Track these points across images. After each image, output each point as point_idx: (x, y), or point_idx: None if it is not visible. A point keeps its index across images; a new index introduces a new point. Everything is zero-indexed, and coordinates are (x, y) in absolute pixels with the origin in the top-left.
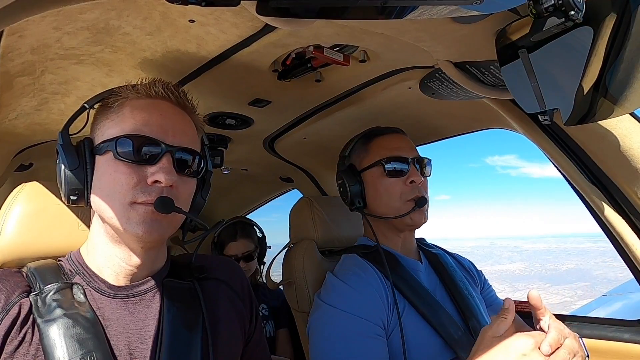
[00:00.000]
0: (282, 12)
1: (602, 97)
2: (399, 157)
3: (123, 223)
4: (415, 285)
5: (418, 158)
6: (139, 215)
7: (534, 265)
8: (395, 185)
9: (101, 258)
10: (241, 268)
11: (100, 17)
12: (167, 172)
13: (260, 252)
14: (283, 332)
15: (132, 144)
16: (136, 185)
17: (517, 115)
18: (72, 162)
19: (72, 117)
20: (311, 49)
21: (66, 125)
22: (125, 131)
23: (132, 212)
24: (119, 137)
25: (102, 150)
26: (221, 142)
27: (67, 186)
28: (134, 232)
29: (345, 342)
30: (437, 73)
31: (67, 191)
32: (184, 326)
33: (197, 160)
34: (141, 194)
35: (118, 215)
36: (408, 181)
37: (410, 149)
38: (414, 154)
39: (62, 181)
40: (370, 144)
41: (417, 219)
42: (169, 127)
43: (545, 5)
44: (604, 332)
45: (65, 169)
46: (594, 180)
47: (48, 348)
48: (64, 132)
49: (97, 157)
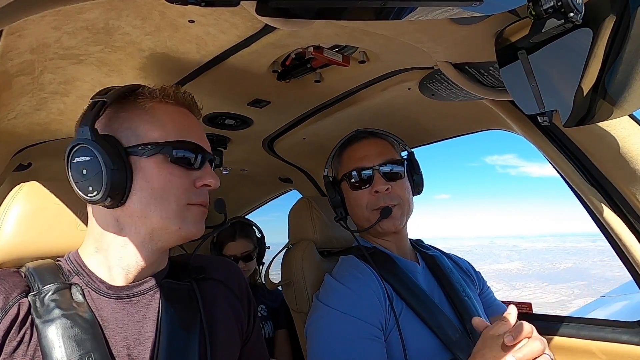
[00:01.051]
0: (281, 13)
1: (601, 99)
2: (362, 168)
3: (178, 222)
4: (413, 287)
5: (386, 162)
6: (194, 215)
7: (533, 264)
8: (362, 196)
9: (114, 258)
10: (239, 268)
11: (99, 16)
12: (214, 176)
13: (259, 253)
14: (282, 333)
15: (188, 151)
16: (189, 188)
17: (516, 116)
18: (115, 161)
19: (94, 112)
20: (311, 50)
21: (93, 120)
22: (174, 137)
23: (188, 213)
24: (173, 142)
25: (148, 153)
26: (220, 143)
27: (107, 186)
28: (189, 231)
29: (344, 343)
30: (437, 74)
31: (107, 191)
32: (182, 327)
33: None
34: (194, 196)
35: (173, 215)
36: (373, 191)
37: (377, 155)
38: (379, 161)
39: (101, 181)
40: (342, 156)
41: (386, 227)
42: (202, 135)
43: (545, 6)
44: (603, 333)
45: (106, 168)
46: (592, 181)
47: (46, 349)
48: (92, 127)
49: (137, 157)
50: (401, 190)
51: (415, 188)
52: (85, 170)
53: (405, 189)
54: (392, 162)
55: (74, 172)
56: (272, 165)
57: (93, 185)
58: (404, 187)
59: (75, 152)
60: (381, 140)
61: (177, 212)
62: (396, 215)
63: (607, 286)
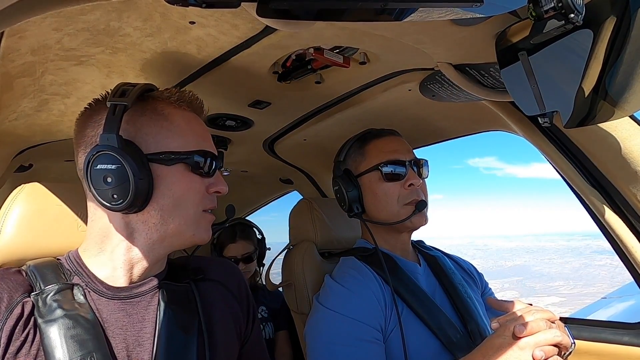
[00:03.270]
0: (282, 14)
1: (602, 100)
2: (396, 161)
3: (193, 229)
4: (414, 288)
5: (415, 160)
6: (207, 221)
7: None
8: (394, 189)
9: (119, 260)
10: (239, 269)
11: (100, 18)
12: (224, 182)
13: (260, 254)
14: (282, 334)
15: (206, 159)
16: (204, 195)
17: (517, 117)
18: (142, 170)
19: (117, 118)
20: (311, 51)
21: (118, 126)
22: (194, 146)
23: (202, 219)
24: (194, 152)
25: (170, 162)
26: (221, 144)
27: (133, 195)
28: (201, 237)
29: (343, 345)
30: (437, 75)
31: (130, 201)
32: (181, 328)
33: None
34: (208, 202)
35: (190, 221)
36: (406, 184)
37: (407, 151)
38: (411, 156)
39: (127, 190)
40: (366, 148)
41: (417, 222)
42: (212, 142)
43: (545, 7)
44: (604, 334)
45: (134, 177)
46: (593, 182)
47: (49, 348)
48: (119, 135)
49: (158, 165)
50: (425, 189)
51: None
52: (111, 179)
53: (426, 189)
54: (418, 160)
55: (95, 178)
56: (273, 167)
57: (118, 194)
58: (426, 186)
59: (98, 158)
60: (403, 139)
61: (193, 219)
62: (425, 211)
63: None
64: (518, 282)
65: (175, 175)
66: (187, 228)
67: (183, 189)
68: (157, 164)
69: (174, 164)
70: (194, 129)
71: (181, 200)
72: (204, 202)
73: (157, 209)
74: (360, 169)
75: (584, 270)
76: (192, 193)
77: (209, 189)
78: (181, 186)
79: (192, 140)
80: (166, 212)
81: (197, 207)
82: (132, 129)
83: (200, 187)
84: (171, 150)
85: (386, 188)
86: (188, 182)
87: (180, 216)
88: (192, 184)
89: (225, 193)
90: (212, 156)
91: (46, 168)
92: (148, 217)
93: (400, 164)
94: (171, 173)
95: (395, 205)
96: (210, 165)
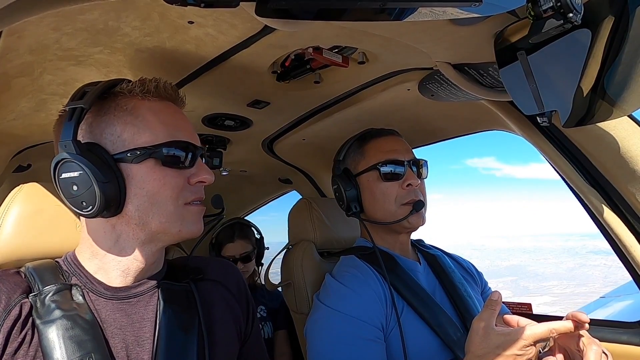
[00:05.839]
0: (281, 14)
1: (600, 99)
2: (394, 160)
3: (178, 225)
4: (414, 287)
5: (414, 160)
6: (193, 215)
7: (484, 262)
8: (392, 189)
9: (112, 263)
10: (237, 268)
11: (99, 18)
12: (208, 171)
13: (258, 254)
14: (281, 334)
15: (179, 150)
16: (183, 187)
17: (516, 117)
18: (106, 173)
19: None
20: (310, 51)
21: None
22: (164, 138)
23: (187, 213)
24: (163, 145)
25: (137, 159)
26: (220, 143)
27: (101, 200)
28: (189, 231)
29: (344, 344)
30: (436, 75)
31: (101, 205)
32: (180, 328)
33: (210, 157)
34: (190, 194)
35: (172, 218)
36: (404, 184)
37: (406, 151)
38: (410, 156)
39: (94, 195)
40: (365, 147)
41: (414, 222)
42: (190, 130)
43: (544, 7)
44: (602, 333)
45: (97, 182)
46: (592, 182)
47: (47, 349)
48: (76, 140)
49: (126, 165)
50: (424, 189)
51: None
52: (76, 187)
53: (425, 189)
54: (417, 160)
55: (63, 188)
56: (272, 166)
57: (86, 201)
58: (425, 187)
59: (61, 167)
60: (402, 139)
61: (175, 214)
62: (422, 211)
63: (533, 282)
64: (512, 282)
65: (145, 173)
66: (170, 225)
67: (156, 185)
68: (126, 164)
69: (141, 160)
70: (163, 119)
71: (156, 197)
72: (184, 195)
73: (134, 209)
74: (359, 169)
75: (578, 270)
76: (167, 188)
77: (190, 180)
78: (153, 183)
79: (161, 132)
80: (144, 212)
81: (175, 201)
82: (97, 131)
83: (176, 180)
84: (138, 147)
85: (384, 188)
86: (160, 178)
87: (159, 214)
88: (166, 178)
89: (209, 182)
90: (186, 145)
91: (45, 168)
92: (129, 219)
93: (398, 163)
94: (140, 170)
95: (393, 205)
96: (186, 155)
